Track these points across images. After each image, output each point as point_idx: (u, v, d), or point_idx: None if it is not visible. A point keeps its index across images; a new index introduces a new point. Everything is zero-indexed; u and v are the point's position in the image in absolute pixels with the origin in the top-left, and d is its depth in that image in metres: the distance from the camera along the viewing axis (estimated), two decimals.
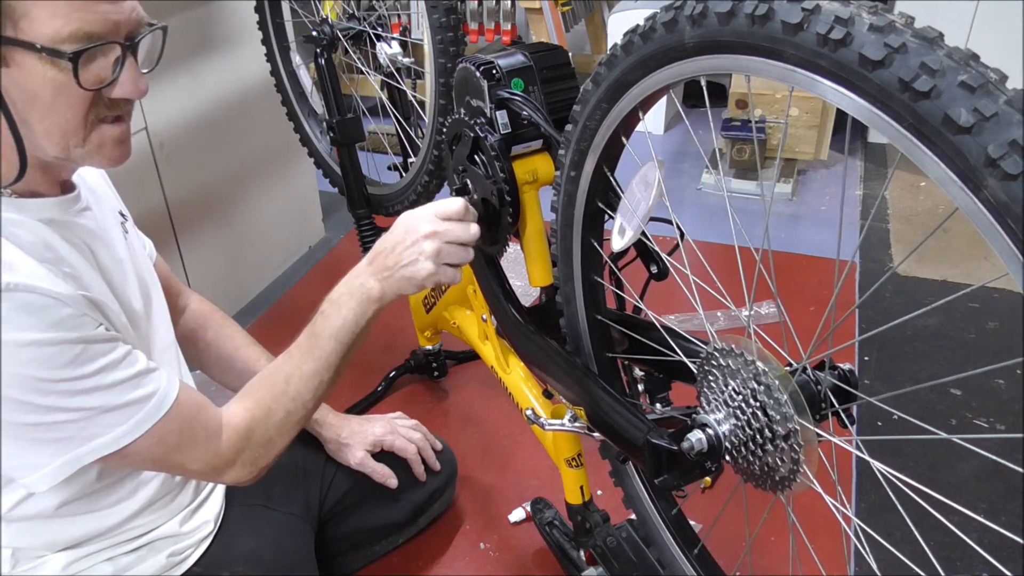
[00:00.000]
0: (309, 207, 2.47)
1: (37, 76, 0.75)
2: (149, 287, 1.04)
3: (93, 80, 0.77)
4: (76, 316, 0.79)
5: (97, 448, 0.83)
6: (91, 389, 0.81)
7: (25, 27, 0.73)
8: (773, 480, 0.73)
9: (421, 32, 1.30)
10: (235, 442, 0.93)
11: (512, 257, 1.60)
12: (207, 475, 0.96)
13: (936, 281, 2.15)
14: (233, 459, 0.94)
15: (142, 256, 1.06)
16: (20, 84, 0.75)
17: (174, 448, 0.89)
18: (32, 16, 0.73)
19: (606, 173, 0.87)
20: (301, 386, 0.96)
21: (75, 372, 0.79)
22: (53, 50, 0.74)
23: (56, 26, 0.73)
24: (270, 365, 1.00)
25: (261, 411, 0.96)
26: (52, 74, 0.75)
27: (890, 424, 1.64)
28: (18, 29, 0.73)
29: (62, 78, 0.75)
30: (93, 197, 0.96)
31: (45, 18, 0.73)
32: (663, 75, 0.72)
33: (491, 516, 1.50)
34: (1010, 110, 0.47)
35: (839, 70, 0.54)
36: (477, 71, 0.99)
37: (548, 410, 1.19)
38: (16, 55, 0.74)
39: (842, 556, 1.33)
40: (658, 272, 0.96)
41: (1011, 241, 0.48)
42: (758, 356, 0.72)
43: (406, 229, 0.96)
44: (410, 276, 0.95)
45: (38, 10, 0.72)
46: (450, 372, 1.86)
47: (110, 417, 0.83)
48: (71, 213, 0.89)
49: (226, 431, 0.93)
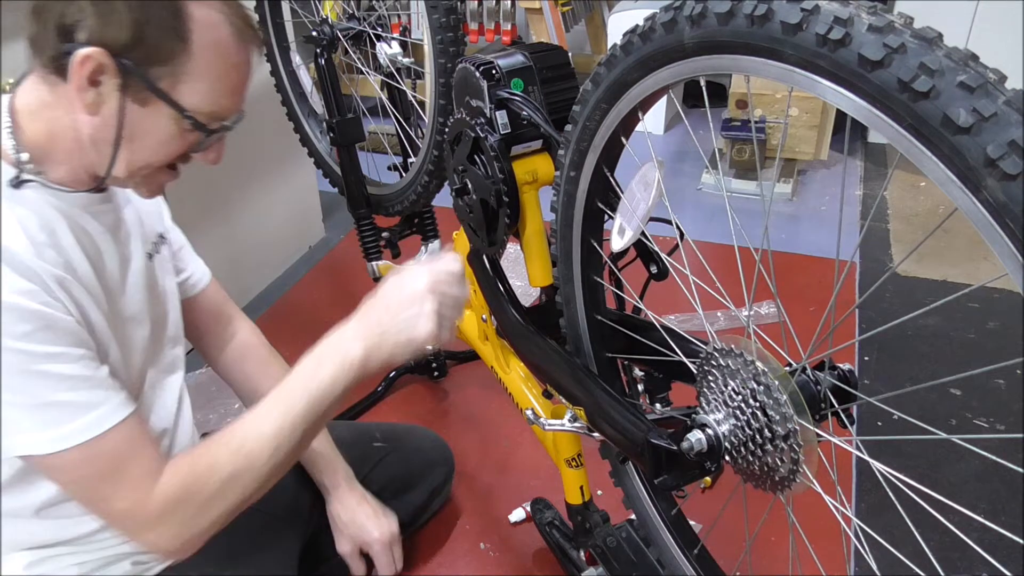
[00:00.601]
0: (309, 207, 2.47)
1: (158, 124, 0.82)
2: (165, 308, 1.05)
3: (193, 142, 0.86)
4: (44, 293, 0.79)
5: (22, 445, 0.80)
6: (34, 374, 0.78)
7: (180, 90, 0.80)
8: (773, 480, 0.73)
9: (421, 32, 1.30)
10: (169, 493, 0.85)
11: (512, 257, 1.60)
12: (128, 522, 0.86)
13: (936, 281, 2.15)
14: (161, 512, 0.85)
15: (165, 278, 1.06)
16: (139, 121, 0.81)
17: (101, 475, 0.83)
18: (192, 86, 0.80)
19: (606, 173, 0.87)
20: (256, 447, 0.88)
21: (24, 345, 0.77)
22: (196, 121, 0.82)
23: (202, 101, 0.82)
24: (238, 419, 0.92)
25: (204, 466, 0.87)
26: (170, 128, 0.82)
27: (890, 424, 1.64)
28: (174, 88, 0.80)
29: (176, 133, 0.83)
30: (129, 212, 0.98)
31: (200, 91, 0.81)
32: (663, 75, 0.72)
33: (491, 516, 1.50)
34: (1009, 110, 0.47)
35: (838, 70, 0.54)
36: (477, 71, 0.99)
37: (548, 410, 1.19)
38: (158, 105, 0.80)
39: (842, 556, 1.33)
40: (658, 272, 0.96)
41: (1010, 241, 0.48)
42: (758, 356, 0.72)
43: (402, 287, 0.91)
44: (410, 337, 0.90)
45: (200, 84, 0.81)
46: (450, 372, 1.86)
47: (43, 413, 0.80)
48: (89, 209, 0.90)
49: (164, 476, 0.86)
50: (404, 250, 1.67)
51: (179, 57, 0.78)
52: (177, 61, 0.78)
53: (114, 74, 0.77)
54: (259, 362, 1.23)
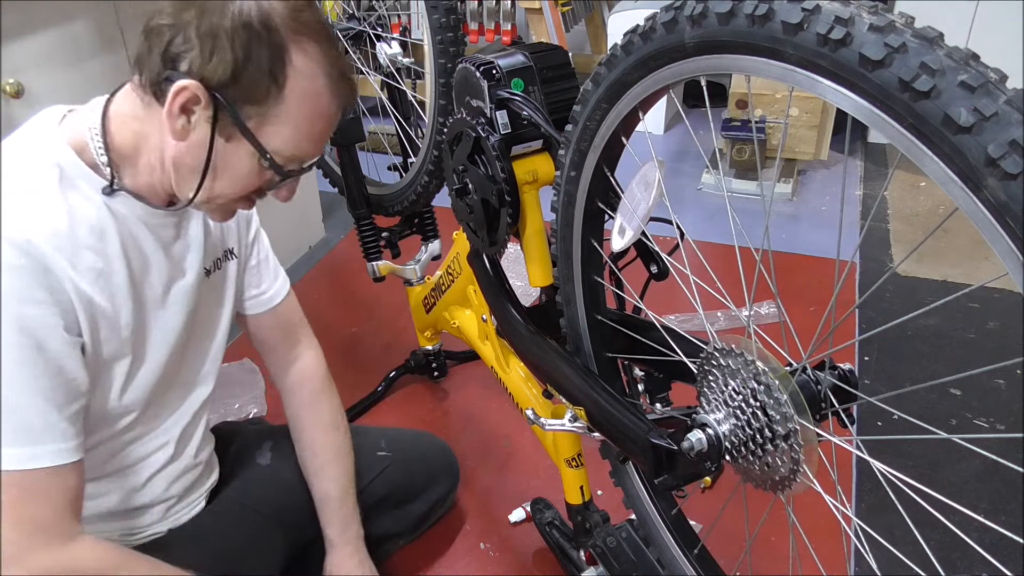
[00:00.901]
0: (309, 207, 2.47)
1: (239, 159, 0.84)
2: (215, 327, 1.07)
3: (269, 181, 0.88)
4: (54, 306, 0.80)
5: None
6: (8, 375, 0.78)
7: (266, 131, 0.83)
8: (773, 480, 0.73)
9: (421, 32, 1.30)
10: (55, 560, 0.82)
11: (512, 257, 1.60)
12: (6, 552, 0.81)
13: (936, 281, 2.15)
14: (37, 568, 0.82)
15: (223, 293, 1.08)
16: (221, 154, 0.84)
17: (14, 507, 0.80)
18: (278, 129, 0.83)
19: (606, 173, 0.87)
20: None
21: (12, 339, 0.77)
22: (274, 163, 0.85)
23: (284, 144, 0.84)
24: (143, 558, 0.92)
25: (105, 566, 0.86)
26: (250, 164, 0.85)
27: (890, 424, 1.64)
28: (259, 128, 0.83)
29: (255, 170, 0.86)
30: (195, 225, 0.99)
31: (284, 135, 0.84)
32: (663, 75, 0.72)
33: (491, 516, 1.50)
34: (1010, 110, 0.47)
35: (839, 70, 0.54)
36: (477, 71, 0.99)
37: (548, 410, 1.19)
38: (241, 142, 0.83)
39: (842, 556, 1.33)
40: (658, 272, 0.96)
41: (1011, 241, 0.48)
42: (758, 356, 0.72)
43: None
44: None
45: (285, 128, 0.83)
46: (450, 372, 1.86)
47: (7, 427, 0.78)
48: (147, 221, 0.92)
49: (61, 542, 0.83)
50: (404, 250, 1.67)
51: (271, 100, 0.81)
52: (268, 103, 0.81)
53: (206, 106, 0.80)
54: (310, 393, 1.22)
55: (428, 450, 1.45)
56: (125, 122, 0.86)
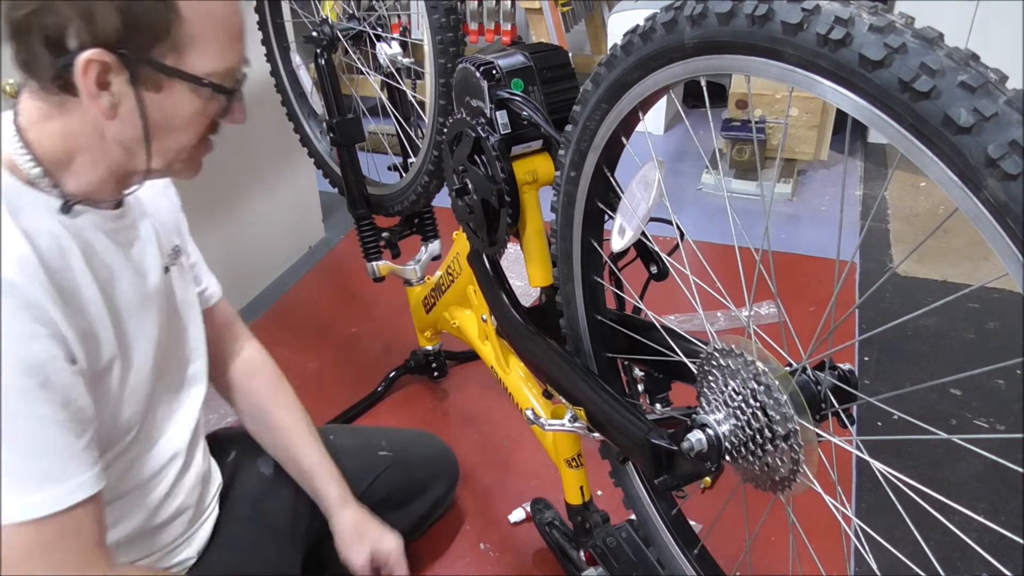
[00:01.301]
0: (309, 207, 2.47)
1: (181, 103, 0.80)
2: (184, 325, 1.03)
3: (219, 109, 0.84)
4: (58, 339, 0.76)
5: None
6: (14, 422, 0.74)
7: (188, 60, 0.77)
8: (773, 480, 0.73)
9: (421, 32, 1.30)
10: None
11: (512, 257, 1.60)
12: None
13: (936, 281, 2.15)
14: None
15: (182, 292, 1.04)
16: (162, 107, 0.79)
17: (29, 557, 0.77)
18: (198, 50, 0.77)
19: (606, 173, 0.87)
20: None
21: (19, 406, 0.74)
22: (215, 85, 0.80)
23: (215, 63, 0.79)
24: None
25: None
26: (193, 102, 0.80)
27: (890, 424, 1.64)
28: (181, 61, 0.77)
29: (200, 105, 0.81)
30: (146, 225, 0.95)
31: (208, 53, 0.78)
32: (663, 75, 0.72)
33: (491, 516, 1.50)
34: (1010, 110, 0.47)
35: (839, 70, 0.54)
36: (477, 71, 0.99)
37: (548, 410, 1.19)
38: (172, 85, 0.78)
39: (842, 556, 1.33)
40: (658, 272, 0.96)
41: (1011, 241, 0.48)
42: (758, 356, 0.72)
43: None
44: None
45: (204, 45, 0.78)
46: (450, 372, 1.86)
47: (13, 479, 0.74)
48: (103, 228, 0.87)
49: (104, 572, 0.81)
50: (404, 250, 1.67)
51: (174, 26, 0.75)
52: (173, 31, 0.75)
53: (118, 70, 0.75)
54: (268, 380, 1.22)
55: (428, 450, 1.45)
56: (44, 130, 0.80)
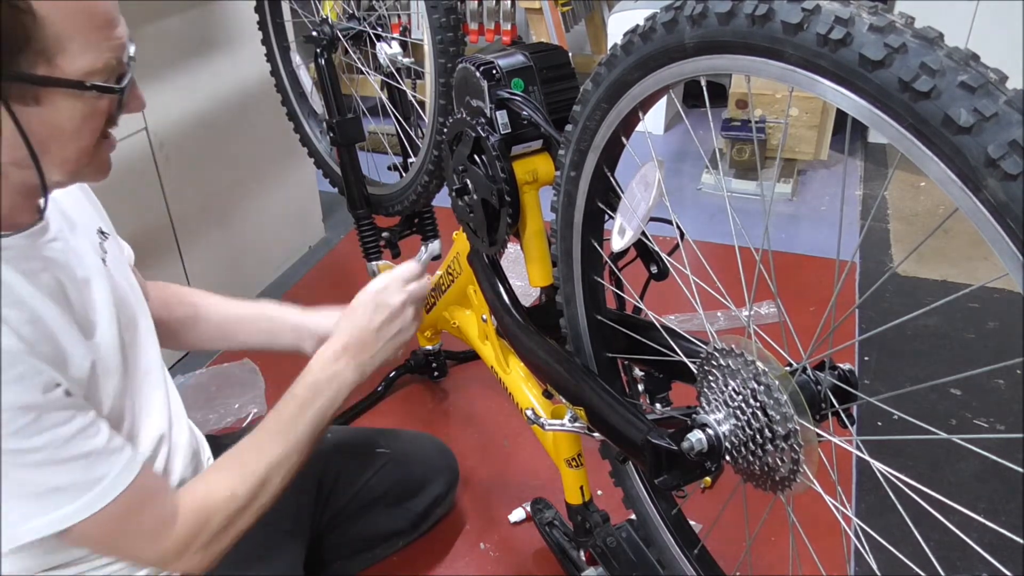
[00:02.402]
0: (309, 207, 2.47)
1: (66, 110, 0.73)
2: (134, 309, 0.99)
3: (111, 104, 0.77)
4: (30, 376, 0.74)
5: (37, 528, 0.78)
6: (38, 463, 0.76)
7: (61, 64, 0.70)
8: (773, 480, 0.73)
9: (421, 32, 1.30)
10: (190, 529, 0.87)
11: (512, 257, 1.60)
12: (156, 563, 0.89)
13: (936, 281, 2.15)
14: (185, 548, 0.87)
15: (123, 275, 1.00)
16: (46, 119, 0.73)
17: (120, 534, 0.83)
18: (68, 51, 0.70)
19: (606, 173, 0.87)
20: (271, 473, 0.93)
21: (22, 444, 0.74)
22: (99, 86, 0.73)
23: (90, 60, 0.72)
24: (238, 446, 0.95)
25: (223, 495, 0.90)
26: (79, 106, 0.74)
27: (890, 424, 1.64)
28: (53, 67, 0.70)
29: (88, 108, 0.74)
30: (66, 223, 0.91)
31: (79, 52, 0.71)
32: (663, 75, 0.72)
33: (491, 516, 1.50)
34: (1010, 110, 0.47)
35: (839, 70, 0.54)
36: (477, 71, 0.99)
37: (548, 410, 1.19)
38: (51, 94, 0.71)
39: (842, 556, 1.33)
40: (658, 272, 0.96)
41: (1011, 241, 0.48)
42: (758, 356, 0.71)
43: (376, 305, 1.00)
44: (398, 344, 1.02)
45: (72, 44, 0.70)
46: (450, 372, 1.86)
47: (55, 497, 0.77)
48: (39, 246, 0.83)
49: (181, 517, 0.87)
50: (404, 250, 1.67)
51: (33, 31, 0.67)
52: (35, 37, 0.68)
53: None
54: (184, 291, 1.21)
55: (426, 449, 1.45)
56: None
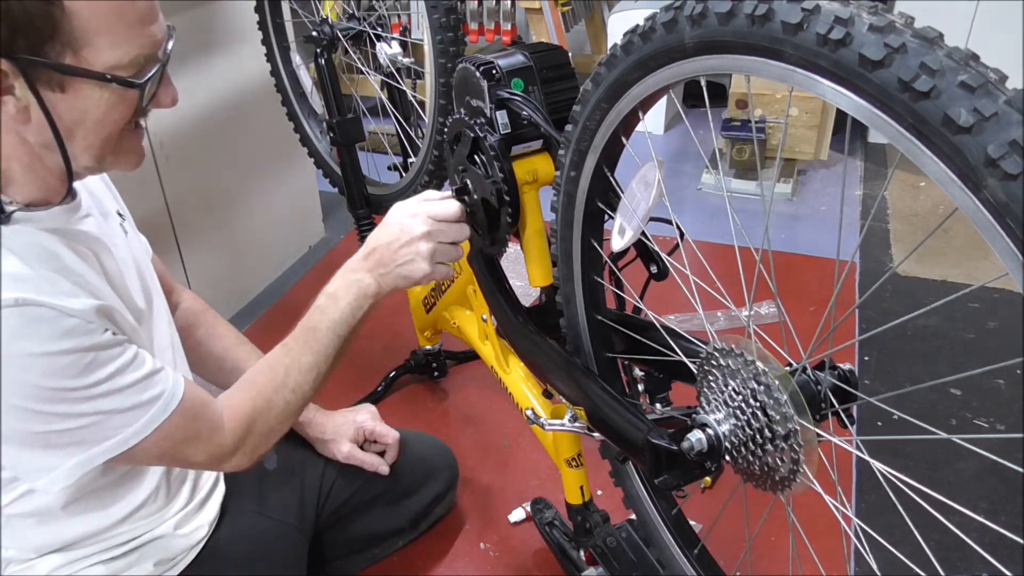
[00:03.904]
0: (309, 207, 2.47)
1: (92, 99, 0.76)
2: (150, 287, 1.05)
3: (138, 97, 0.80)
4: (84, 325, 0.80)
5: (108, 449, 0.84)
6: (103, 394, 0.82)
7: (87, 56, 0.73)
8: (773, 480, 0.73)
9: (421, 32, 1.30)
10: (238, 434, 0.95)
11: (512, 257, 1.60)
12: (210, 465, 0.98)
13: (936, 281, 2.15)
14: (235, 449, 0.96)
15: (142, 255, 1.06)
16: (72, 106, 0.76)
17: (180, 443, 0.90)
18: (94, 45, 0.73)
19: (606, 173, 0.87)
20: (300, 378, 0.99)
21: (86, 380, 0.80)
22: (121, 79, 0.76)
23: (117, 55, 0.75)
24: (268, 357, 1.02)
25: (262, 402, 0.97)
26: (106, 96, 0.77)
27: (890, 424, 1.64)
28: (80, 58, 0.73)
29: (115, 98, 0.77)
30: (93, 201, 0.97)
31: (106, 46, 0.74)
32: (663, 75, 0.72)
33: (491, 516, 1.50)
34: (1010, 110, 0.47)
35: (839, 70, 0.54)
36: (477, 71, 0.99)
37: (548, 410, 1.19)
38: (77, 83, 0.75)
39: (842, 556, 1.33)
40: (658, 272, 0.96)
41: (1011, 241, 0.48)
42: (758, 356, 0.72)
43: (401, 227, 0.99)
44: (407, 275, 1.00)
45: (99, 38, 0.73)
46: (450, 372, 1.86)
47: (120, 419, 0.84)
48: (74, 221, 0.89)
49: (229, 423, 0.95)
50: None
51: (61, 23, 0.71)
52: (63, 29, 0.71)
53: (15, 75, 0.72)
54: (210, 325, 1.25)
55: (425, 447, 1.45)
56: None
